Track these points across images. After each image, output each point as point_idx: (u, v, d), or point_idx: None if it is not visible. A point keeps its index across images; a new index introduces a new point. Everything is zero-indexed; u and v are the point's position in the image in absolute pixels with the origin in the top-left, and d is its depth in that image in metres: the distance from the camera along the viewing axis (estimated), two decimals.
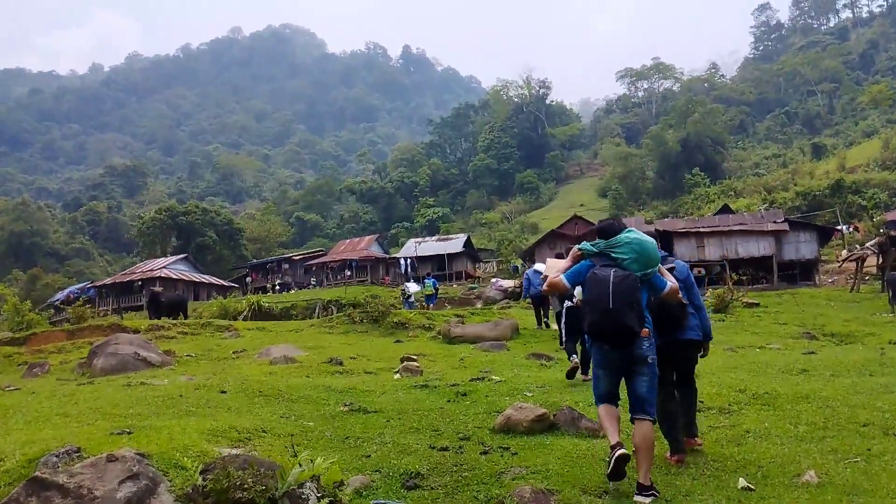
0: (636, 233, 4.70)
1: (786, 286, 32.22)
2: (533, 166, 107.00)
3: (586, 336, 5.11)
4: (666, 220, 52.33)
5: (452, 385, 7.90)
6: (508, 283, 39.45)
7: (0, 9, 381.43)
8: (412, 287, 28.27)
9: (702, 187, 78.47)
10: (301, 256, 63.51)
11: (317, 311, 29.75)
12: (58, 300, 52.19)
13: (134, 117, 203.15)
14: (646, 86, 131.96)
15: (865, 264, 25.29)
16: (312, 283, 54.54)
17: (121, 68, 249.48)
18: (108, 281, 56.42)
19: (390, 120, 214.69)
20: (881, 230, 45.55)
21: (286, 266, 62.54)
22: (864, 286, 25.31)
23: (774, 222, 36.46)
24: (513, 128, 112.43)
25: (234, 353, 12.70)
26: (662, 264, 4.90)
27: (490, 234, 75.26)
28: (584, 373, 8.29)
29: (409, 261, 54.64)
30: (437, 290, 27.10)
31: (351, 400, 7.03)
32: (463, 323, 16.49)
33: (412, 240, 63.88)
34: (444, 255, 55.60)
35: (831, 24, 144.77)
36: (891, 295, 19.23)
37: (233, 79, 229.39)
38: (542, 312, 15.57)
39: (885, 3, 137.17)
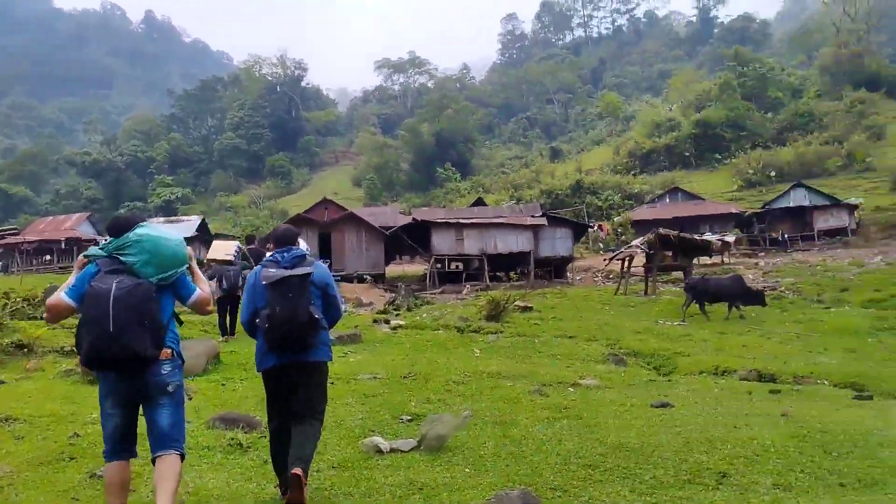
0: (150, 227, 3.76)
1: (544, 284, 31.17)
2: (286, 150, 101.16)
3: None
4: (425, 209, 50.19)
5: None
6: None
7: None
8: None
9: (453, 181, 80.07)
10: None
11: None
12: None
13: None
14: (402, 80, 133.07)
15: (633, 263, 24.50)
16: None
17: None
18: None
19: (129, 89, 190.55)
20: (618, 230, 48.16)
21: None
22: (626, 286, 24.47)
23: (532, 216, 35.44)
24: (265, 107, 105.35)
25: None
26: (284, 256, 4.29)
27: (235, 220, 69.14)
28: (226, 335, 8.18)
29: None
30: None
31: None
32: None
33: None
34: None
35: (567, 40, 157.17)
36: (689, 300, 17.66)
37: None
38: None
39: (611, 26, 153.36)
